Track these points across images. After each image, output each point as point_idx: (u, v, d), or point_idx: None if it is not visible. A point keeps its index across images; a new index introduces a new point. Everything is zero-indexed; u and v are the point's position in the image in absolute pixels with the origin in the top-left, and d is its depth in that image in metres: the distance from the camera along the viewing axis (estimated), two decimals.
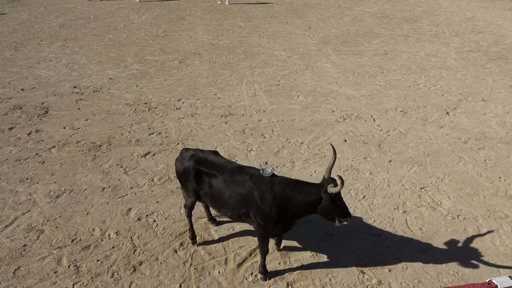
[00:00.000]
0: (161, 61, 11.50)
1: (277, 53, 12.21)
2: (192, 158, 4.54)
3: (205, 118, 8.11)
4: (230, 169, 4.36)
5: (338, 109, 8.50)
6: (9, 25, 15.55)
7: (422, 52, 12.33)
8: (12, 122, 7.93)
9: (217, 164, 4.45)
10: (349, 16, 17.19)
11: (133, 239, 4.98)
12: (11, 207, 5.52)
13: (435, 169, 6.47)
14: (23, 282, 4.36)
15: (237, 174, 4.28)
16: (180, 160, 4.64)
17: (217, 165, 4.44)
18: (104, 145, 7.10)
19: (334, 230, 5.12)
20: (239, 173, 4.29)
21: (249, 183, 4.17)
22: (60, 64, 11.20)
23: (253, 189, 4.14)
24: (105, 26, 15.48)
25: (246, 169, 4.34)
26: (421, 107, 8.64)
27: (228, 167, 4.40)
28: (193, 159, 4.51)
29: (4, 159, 6.66)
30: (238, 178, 4.25)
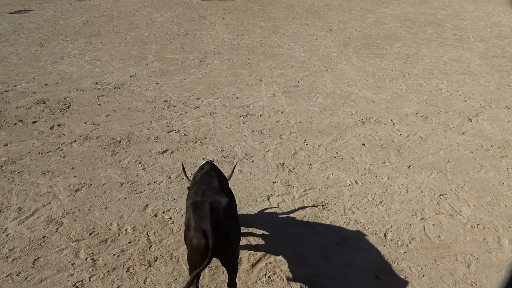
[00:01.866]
0: (181, 59, 11.60)
1: (297, 54, 12.17)
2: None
3: (224, 117, 8.15)
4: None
5: (357, 112, 8.43)
6: (35, 21, 15.91)
7: (445, 57, 12.13)
8: (35, 116, 8.11)
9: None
10: (371, 18, 17.02)
11: (149, 235, 5.03)
12: (32, 199, 5.65)
13: (455, 176, 6.35)
14: (41, 273, 4.46)
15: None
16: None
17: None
18: (124, 141, 7.20)
19: (349, 235, 5.08)
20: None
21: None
22: (83, 60, 11.40)
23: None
24: (128, 24, 15.70)
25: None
26: (442, 112, 8.49)
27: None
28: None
29: (27, 152, 6.82)
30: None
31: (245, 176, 6.23)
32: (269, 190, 5.92)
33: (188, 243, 3.66)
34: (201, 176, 4.31)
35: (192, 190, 4.20)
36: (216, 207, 3.72)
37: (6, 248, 4.78)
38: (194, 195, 4.05)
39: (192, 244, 3.58)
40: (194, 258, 3.65)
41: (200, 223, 3.56)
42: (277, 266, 4.61)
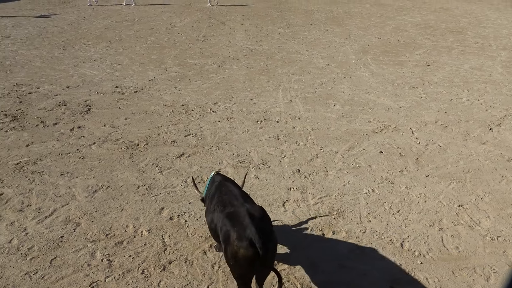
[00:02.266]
0: (200, 64, 11.70)
1: (315, 61, 12.15)
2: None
3: (240, 122, 8.17)
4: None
5: (375, 120, 8.35)
6: (59, 25, 16.30)
7: (466, 65, 11.93)
8: (56, 117, 8.28)
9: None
10: (391, 25, 16.89)
11: (164, 238, 5.06)
12: (51, 199, 5.75)
13: (475, 187, 6.22)
14: (58, 272, 4.52)
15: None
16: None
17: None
18: (142, 144, 7.28)
19: (365, 243, 5.02)
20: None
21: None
22: (104, 64, 11.61)
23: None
24: (148, 28, 15.94)
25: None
26: (462, 121, 8.34)
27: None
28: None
29: (48, 153, 6.96)
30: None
31: (261, 181, 6.22)
32: (285, 196, 5.90)
33: (232, 256, 3.50)
34: (218, 187, 4.20)
35: (213, 203, 4.09)
36: (255, 214, 3.63)
37: (25, 246, 4.87)
38: (220, 207, 3.89)
39: (239, 255, 3.44)
40: (242, 271, 3.52)
41: (244, 232, 3.44)
42: (291, 273, 4.58)
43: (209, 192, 4.32)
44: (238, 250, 3.45)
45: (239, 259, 3.47)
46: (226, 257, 3.62)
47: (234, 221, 3.59)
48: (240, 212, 3.67)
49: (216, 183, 4.34)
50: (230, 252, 3.52)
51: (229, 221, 3.63)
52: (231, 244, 3.50)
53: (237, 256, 3.47)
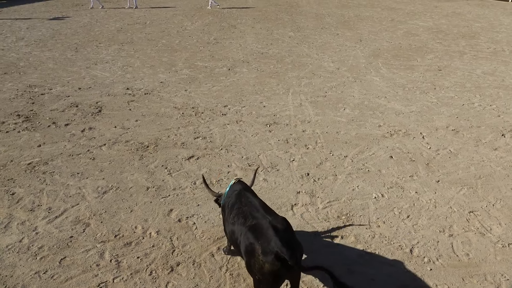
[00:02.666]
0: (210, 67, 11.75)
1: (325, 64, 12.13)
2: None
3: (250, 125, 8.18)
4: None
5: (386, 124, 8.30)
6: (72, 28, 16.50)
7: (479, 70, 11.81)
8: (68, 118, 8.37)
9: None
10: (402, 30, 16.80)
11: (172, 240, 5.08)
12: (62, 199, 5.81)
13: (486, 193, 6.14)
14: (67, 272, 4.56)
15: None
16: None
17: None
18: (151, 146, 7.32)
19: (374, 249, 4.98)
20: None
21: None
22: (115, 66, 11.72)
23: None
24: (159, 31, 16.06)
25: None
26: (474, 127, 8.25)
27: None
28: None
29: (59, 153, 7.04)
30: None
31: (269, 185, 6.22)
32: (293, 199, 5.88)
33: (257, 270, 3.44)
34: (237, 197, 4.12)
35: (233, 214, 3.98)
36: (278, 226, 3.56)
37: (35, 246, 4.93)
38: (241, 219, 3.82)
39: (265, 270, 3.38)
40: (269, 285, 3.45)
41: (269, 246, 3.38)
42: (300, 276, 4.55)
43: (229, 200, 4.22)
44: (264, 264, 3.39)
45: (265, 273, 3.41)
46: (251, 271, 3.56)
47: (258, 234, 3.52)
48: (262, 225, 3.60)
49: (236, 191, 4.23)
50: (255, 267, 3.46)
51: (252, 235, 3.57)
52: (256, 259, 3.44)
53: (263, 270, 3.41)
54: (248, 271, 3.63)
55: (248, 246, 3.56)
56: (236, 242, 3.87)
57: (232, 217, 3.97)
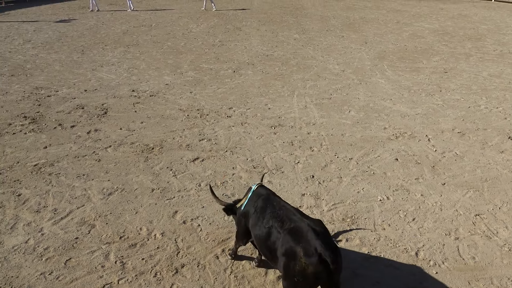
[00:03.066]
0: (215, 69, 11.78)
1: (330, 67, 12.12)
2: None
3: (255, 127, 8.18)
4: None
5: (391, 127, 8.27)
6: (78, 30, 16.61)
7: (485, 72, 11.75)
8: (74, 120, 8.42)
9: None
10: (408, 32, 16.76)
11: (177, 242, 5.09)
12: (67, 201, 5.84)
13: (492, 196, 6.09)
14: (72, 273, 4.58)
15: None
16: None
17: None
18: (156, 148, 7.35)
19: (379, 251, 4.96)
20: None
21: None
22: (121, 68, 11.78)
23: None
24: (165, 34, 16.13)
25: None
26: (480, 129, 8.20)
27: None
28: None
29: (65, 155, 7.08)
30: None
31: (274, 187, 6.21)
32: (298, 202, 5.87)
33: (299, 272, 3.45)
34: (267, 201, 4.09)
35: (266, 218, 3.93)
36: (317, 229, 3.58)
37: (41, 247, 4.95)
38: (277, 222, 3.79)
39: (307, 272, 3.39)
40: (307, 286, 3.46)
41: (311, 248, 3.40)
42: None
43: (254, 205, 4.16)
44: (307, 266, 3.40)
45: (307, 275, 3.42)
46: (288, 274, 3.55)
47: (298, 237, 3.53)
48: (302, 227, 3.60)
49: (263, 196, 4.18)
50: (296, 269, 3.46)
51: (292, 237, 3.57)
52: (298, 261, 3.44)
53: (305, 272, 3.42)
54: (285, 273, 3.62)
55: (288, 248, 3.55)
56: (268, 245, 3.84)
57: (265, 221, 3.92)
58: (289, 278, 3.57)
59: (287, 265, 3.54)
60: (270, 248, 3.82)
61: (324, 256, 3.37)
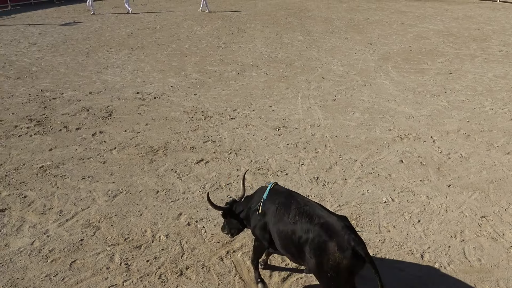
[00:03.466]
0: (219, 71, 11.80)
1: (335, 68, 12.10)
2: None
3: (259, 129, 8.19)
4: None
5: (396, 128, 8.24)
6: (83, 33, 16.70)
7: (490, 73, 11.69)
8: (79, 122, 8.46)
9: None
10: (412, 33, 16.72)
11: (181, 243, 5.09)
12: (73, 203, 5.86)
13: (498, 198, 6.06)
14: (77, 275, 4.59)
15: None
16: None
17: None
18: (161, 150, 7.36)
19: (384, 253, 4.94)
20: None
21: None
22: (126, 71, 11.83)
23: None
24: (169, 36, 16.18)
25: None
26: (486, 130, 8.16)
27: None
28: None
29: (70, 157, 7.11)
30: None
31: None
32: None
33: (333, 267, 3.47)
34: (290, 198, 4.05)
35: (292, 214, 3.87)
36: (347, 224, 3.63)
37: (46, 249, 4.97)
38: (305, 218, 3.76)
39: (342, 266, 3.43)
40: (343, 282, 3.49)
41: (345, 243, 3.44)
42: (308, 282, 4.53)
43: (275, 203, 4.09)
44: (342, 260, 3.42)
45: (342, 270, 3.45)
46: (321, 270, 3.55)
47: (330, 232, 3.54)
48: (332, 223, 3.62)
49: (284, 193, 4.15)
50: (329, 264, 3.47)
51: (323, 232, 3.57)
52: (331, 255, 3.46)
53: (339, 267, 3.44)
54: (317, 270, 3.60)
55: (321, 243, 3.54)
56: (294, 241, 3.79)
57: (291, 217, 3.88)
58: (322, 274, 3.57)
59: (320, 261, 3.53)
60: (296, 244, 3.77)
61: (357, 249, 3.40)
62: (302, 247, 3.71)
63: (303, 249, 3.69)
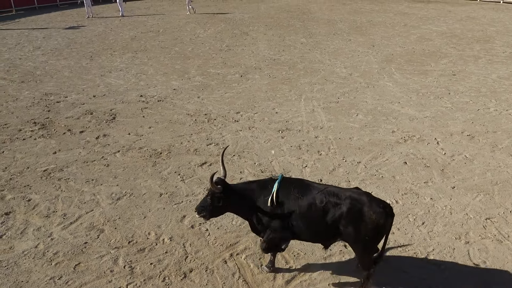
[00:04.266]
0: (222, 74, 11.82)
1: (338, 70, 12.09)
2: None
3: (262, 131, 8.19)
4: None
5: (399, 130, 8.22)
6: (87, 36, 16.78)
7: (494, 74, 11.65)
8: (83, 126, 8.49)
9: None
10: (415, 34, 16.69)
11: (185, 246, 5.09)
12: (77, 206, 5.88)
13: (503, 199, 6.02)
14: (81, 278, 4.60)
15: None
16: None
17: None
18: (164, 153, 7.38)
19: (388, 255, 4.92)
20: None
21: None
22: (129, 74, 11.87)
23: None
24: (172, 39, 16.23)
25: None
26: (490, 132, 8.12)
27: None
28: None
29: (74, 160, 7.13)
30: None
31: None
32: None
33: (370, 229, 3.96)
34: (306, 186, 4.25)
35: (317, 200, 4.11)
36: (366, 193, 4.16)
37: (51, 252, 4.99)
38: (333, 197, 4.09)
39: (379, 224, 3.96)
40: (379, 239, 4.10)
41: (377, 207, 3.99)
42: (312, 284, 4.52)
43: (292, 193, 4.21)
44: (379, 220, 3.96)
45: (379, 229, 4.00)
46: (359, 236, 4.01)
47: (359, 202, 4.02)
48: (357, 195, 4.09)
49: (297, 182, 4.32)
50: (368, 227, 3.97)
51: (355, 204, 4.02)
52: (369, 219, 3.96)
53: (377, 226, 3.98)
54: (357, 236, 4.03)
55: (356, 212, 3.99)
56: (327, 222, 4.09)
57: (318, 202, 4.12)
58: (362, 238, 4.03)
59: (358, 228, 3.99)
60: (329, 222, 4.09)
61: (387, 210, 4.01)
62: (336, 223, 4.07)
63: (338, 225, 4.07)
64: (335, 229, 4.10)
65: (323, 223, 4.11)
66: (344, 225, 4.04)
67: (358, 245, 4.12)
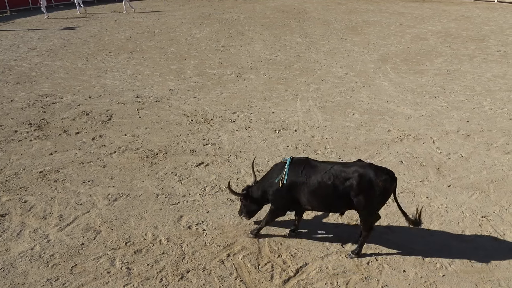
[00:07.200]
0: (219, 74, 11.81)
1: (333, 70, 12.12)
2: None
3: (259, 131, 8.19)
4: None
5: (395, 129, 8.25)
6: (82, 37, 16.73)
7: (489, 73, 11.71)
8: (79, 127, 8.46)
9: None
10: (410, 34, 16.75)
11: (182, 247, 5.09)
12: (73, 207, 5.86)
13: (499, 198, 6.06)
14: (78, 279, 4.59)
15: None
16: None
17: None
18: (161, 153, 7.37)
19: (385, 255, 4.94)
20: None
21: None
22: (125, 75, 11.84)
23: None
24: (168, 39, 16.21)
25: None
26: (485, 130, 8.17)
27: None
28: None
29: (70, 161, 7.11)
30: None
31: None
32: None
33: (381, 192, 4.52)
34: (314, 167, 4.76)
35: (325, 177, 4.62)
36: (369, 163, 4.67)
37: (47, 253, 4.97)
38: (342, 173, 4.61)
39: (386, 187, 4.52)
40: (385, 201, 4.68)
41: (382, 173, 4.54)
42: (309, 284, 4.53)
43: (302, 174, 4.73)
44: (385, 184, 4.51)
45: (386, 191, 4.56)
46: (369, 200, 4.55)
47: (365, 172, 4.53)
48: (361, 166, 4.60)
49: (305, 163, 4.80)
50: (376, 192, 4.51)
51: (362, 174, 4.52)
52: (376, 185, 4.49)
53: (385, 189, 4.53)
54: (367, 201, 4.56)
55: (366, 182, 4.51)
56: (339, 195, 4.63)
57: (327, 179, 4.64)
58: (370, 203, 4.58)
59: (368, 194, 4.52)
60: (340, 195, 4.62)
61: (390, 174, 4.57)
62: (347, 195, 4.59)
63: (349, 195, 4.59)
64: (346, 199, 4.63)
65: (337, 194, 4.62)
66: (355, 195, 4.56)
67: (366, 210, 4.64)
